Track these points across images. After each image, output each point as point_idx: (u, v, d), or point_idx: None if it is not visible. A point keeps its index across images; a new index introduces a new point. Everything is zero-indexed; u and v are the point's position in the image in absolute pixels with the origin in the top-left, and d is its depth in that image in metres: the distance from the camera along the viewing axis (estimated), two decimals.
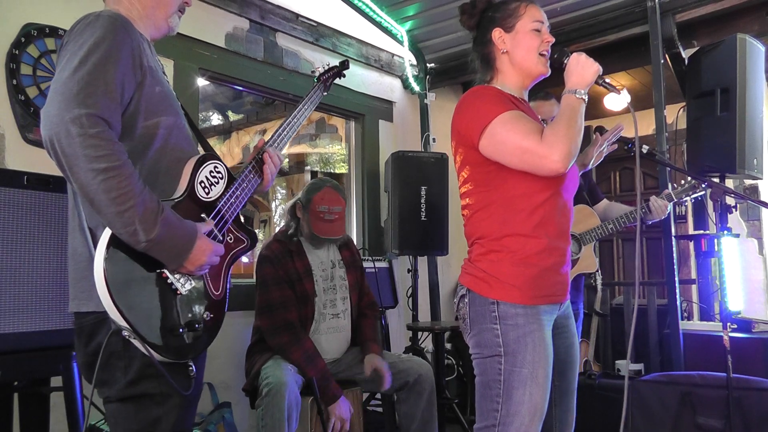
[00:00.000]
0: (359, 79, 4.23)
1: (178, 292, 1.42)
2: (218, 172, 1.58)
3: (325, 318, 2.85)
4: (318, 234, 2.80)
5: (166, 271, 1.40)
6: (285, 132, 1.87)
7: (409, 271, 4.08)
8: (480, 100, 1.71)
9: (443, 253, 4.05)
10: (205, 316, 1.48)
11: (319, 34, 3.90)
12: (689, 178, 2.76)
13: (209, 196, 1.55)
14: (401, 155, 3.94)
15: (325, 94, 2.08)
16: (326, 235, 2.82)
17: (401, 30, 4.31)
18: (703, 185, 2.68)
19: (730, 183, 3.60)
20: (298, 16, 3.76)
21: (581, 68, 1.67)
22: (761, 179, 3.27)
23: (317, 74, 2.10)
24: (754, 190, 4.95)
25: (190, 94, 3.20)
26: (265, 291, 2.72)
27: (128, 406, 1.42)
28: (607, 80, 1.72)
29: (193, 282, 1.47)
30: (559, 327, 1.78)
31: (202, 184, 1.53)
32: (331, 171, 8.01)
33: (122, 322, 1.30)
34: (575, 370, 1.86)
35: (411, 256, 4.05)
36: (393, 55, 4.46)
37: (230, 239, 1.61)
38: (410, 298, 4.05)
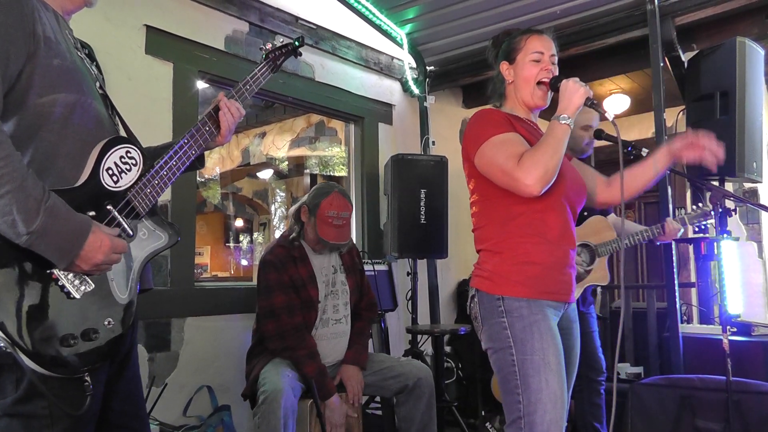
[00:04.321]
0: (359, 81, 4.23)
1: (72, 296, 1.26)
2: (131, 158, 1.39)
3: (328, 323, 2.84)
4: (325, 239, 2.78)
5: (56, 271, 1.23)
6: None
7: (408, 274, 4.08)
8: (481, 121, 1.86)
9: (443, 256, 4.04)
10: (106, 323, 1.31)
11: (318, 36, 3.90)
12: (700, 204, 2.80)
13: (118, 185, 1.36)
14: (401, 158, 3.94)
15: (272, 74, 1.84)
16: (333, 241, 2.79)
17: (401, 33, 4.31)
18: (712, 212, 2.72)
19: (729, 186, 3.59)
20: (297, 18, 3.76)
21: (569, 93, 1.76)
22: (761, 182, 3.27)
23: (265, 52, 1.84)
24: (754, 193, 4.95)
25: (190, 97, 3.20)
26: (268, 296, 2.70)
27: (15, 424, 1.25)
28: (596, 102, 1.79)
29: (91, 284, 1.29)
30: (563, 329, 1.84)
31: (110, 171, 1.35)
32: (331, 174, 8.01)
33: None
34: (573, 373, 1.92)
35: (410, 259, 4.04)
36: (392, 57, 4.46)
37: (143, 235, 1.44)
38: (410, 301, 4.04)
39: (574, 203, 1.87)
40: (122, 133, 1.51)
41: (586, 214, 2.99)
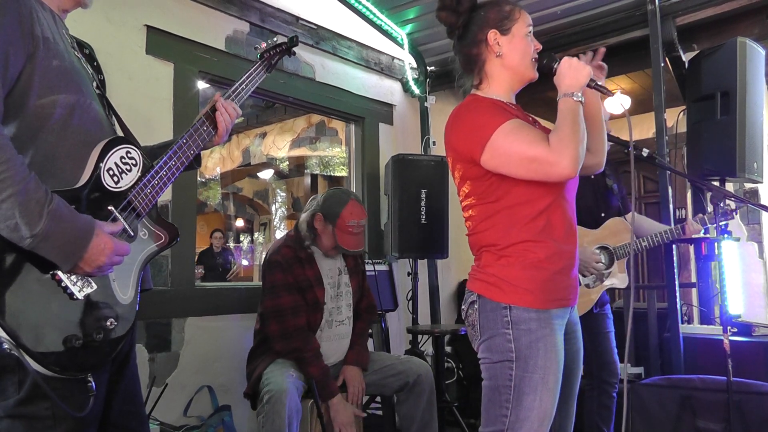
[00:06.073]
0: (359, 82, 4.23)
1: (74, 297, 1.25)
2: (131, 158, 1.39)
3: (332, 325, 2.84)
4: (345, 248, 2.76)
5: (59, 272, 1.23)
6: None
7: (409, 274, 4.08)
8: (475, 113, 1.70)
9: (443, 257, 4.05)
10: (108, 323, 1.31)
11: (319, 37, 3.90)
12: (721, 204, 2.77)
13: (119, 185, 1.37)
14: (401, 158, 3.94)
15: (267, 74, 1.84)
16: (353, 249, 2.78)
17: (401, 33, 4.31)
18: (734, 213, 2.69)
19: (730, 186, 3.59)
20: (298, 19, 3.77)
21: (574, 71, 1.66)
22: (761, 183, 3.27)
23: (259, 52, 1.84)
24: (754, 193, 4.95)
25: (191, 97, 3.19)
26: (275, 296, 2.69)
27: (17, 425, 1.25)
28: (599, 83, 1.73)
29: (93, 284, 1.29)
30: (567, 333, 1.77)
31: (111, 172, 1.35)
32: (331, 174, 8.02)
33: (1, 332, 1.15)
34: (578, 376, 1.86)
35: (411, 259, 4.04)
36: (393, 58, 4.46)
37: (144, 235, 1.44)
38: (410, 302, 4.04)
39: (573, 194, 1.78)
40: (119, 133, 1.51)
41: (603, 215, 2.97)
